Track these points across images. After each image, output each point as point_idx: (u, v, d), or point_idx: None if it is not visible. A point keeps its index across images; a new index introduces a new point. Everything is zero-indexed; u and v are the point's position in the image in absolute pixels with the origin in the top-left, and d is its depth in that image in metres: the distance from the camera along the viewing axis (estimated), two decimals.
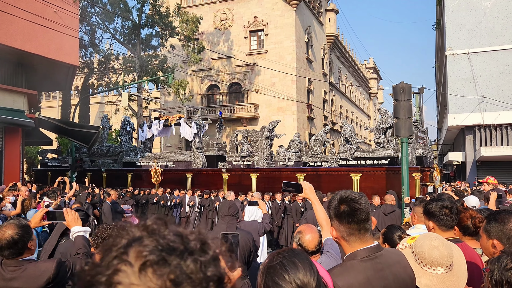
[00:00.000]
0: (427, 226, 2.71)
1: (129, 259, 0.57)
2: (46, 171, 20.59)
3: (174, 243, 0.59)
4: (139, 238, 0.60)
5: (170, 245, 0.58)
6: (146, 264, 0.56)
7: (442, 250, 1.96)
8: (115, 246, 0.60)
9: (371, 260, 1.77)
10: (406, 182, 9.95)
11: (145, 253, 0.57)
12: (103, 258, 0.59)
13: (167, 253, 0.57)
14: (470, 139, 22.18)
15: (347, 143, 14.41)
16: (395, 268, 1.81)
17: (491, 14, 21.58)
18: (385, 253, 1.85)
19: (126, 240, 0.60)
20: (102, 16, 26.51)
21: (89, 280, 0.57)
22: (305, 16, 34.97)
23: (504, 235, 2.21)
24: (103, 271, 0.57)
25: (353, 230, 1.79)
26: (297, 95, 32.21)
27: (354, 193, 1.84)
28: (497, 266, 1.66)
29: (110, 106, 36.13)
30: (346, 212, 1.78)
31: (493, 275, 1.67)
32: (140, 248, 0.58)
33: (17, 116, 12.46)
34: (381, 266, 1.77)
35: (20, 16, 12.15)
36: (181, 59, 32.02)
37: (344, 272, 1.74)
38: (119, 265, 0.57)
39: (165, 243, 0.58)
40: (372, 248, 1.80)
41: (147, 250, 0.57)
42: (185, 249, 0.59)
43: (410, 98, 10.06)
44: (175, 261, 0.57)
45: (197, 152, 16.54)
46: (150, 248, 0.58)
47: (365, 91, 64.49)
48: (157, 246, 0.58)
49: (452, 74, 22.43)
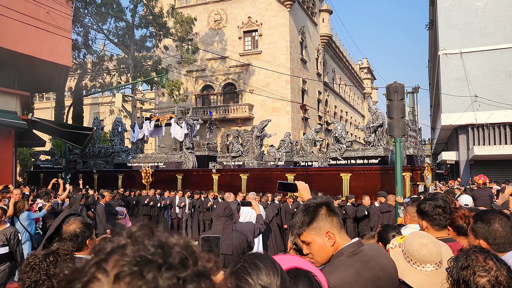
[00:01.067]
0: (420, 225, 2.72)
1: (107, 268, 0.55)
2: (38, 172, 20.48)
3: (153, 255, 0.56)
4: (123, 246, 0.58)
5: (148, 257, 0.56)
6: (121, 275, 0.54)
7: (431, 247, 1.99)
8: (101, 251, 0.58)
9: (357, 254, 1.82)
10: (399, 181, 9.99)
11: (122, 263, 0.55)
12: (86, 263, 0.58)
13: (144, 265, 0.55)
14: (463, 138, 22.32)
15: (337, 142, 14.38)
16: (379, 259, 1.87)
17: (483, 14, 21.74)
18: (367, 247, 1.92)
19: (110, 246, 0.59)
20: (95, 16, 26.38)
21: (65, 284, 0.55)
22: (299, 17, 35.03)
23: (490, 236, 2.22)
24: (81, 277, 0.55)
25: (341, 224, 1.91)
26: (292, 95, 32.25)
27: (320, 197, 1.95)
28: (455, 265, 1.69)
29: (104, 107, 35.99)
30: (330, 208, 1.87)
31: (452, 274, 1.70)
32: (119, 257, 0.56)
33: (10, 118, 12.35)
34: (367, 258, 1.82)
35: (12, 17, 12.06)
36: (175, 60, 31.96)
37: (333, 269, 1.78)
38: (96, 272, 0.55)
39: (144, 254, 0.56)
40: (356, 243, 1.86)
41: (125, 260, 0.55)
42: (164, 262, 0.56)
43: (403, 98, 10.10)
44: (150, 274, 0.54)
45: (187, 152, 16.47)
46: (129, 258, 0.55)
47: (359, 91, 64.71)
48: (135, 256, 0.56)
49: (445, 74, 22.56)
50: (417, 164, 13.34)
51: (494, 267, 1.60)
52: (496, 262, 1.63)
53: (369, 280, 1.78)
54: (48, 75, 15.22)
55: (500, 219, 2.23)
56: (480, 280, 1.59)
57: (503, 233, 2.20)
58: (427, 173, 11.72)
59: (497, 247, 2.20)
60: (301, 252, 2.53)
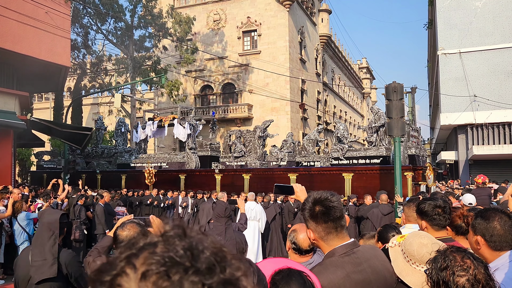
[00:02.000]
0: (420, 225, 2.72)
1: (136, 263, 0.55)
2: (42, 173, 20.55)
3: (182, 258, 0.56)
4: (154, 244, 0.58)
5: (176, 259, 0.56)
6: (148, 273, 0.54)
7: (431, 248, 1.98)
8: (134, 245, 0.59)
9: (349, 256, 1.81)
10: (399, 181, 9.99)
11: (151, 261, 0.55)
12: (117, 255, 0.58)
13: (171, 266, 0.55)
14: (462, 138, 22.33)
15: (339, 142, 14.37)
16: (372, 262, 1.86)
17: (482, 14, 21.75)
18: (362, 248, 1.90)
19: (143, 242, 0.59)
20: (94, 17, 26.35)
21: (95, 275, 0.56)
22: (298, 17, 35.03)
23: (487, 232, 2.23)
24: (111, 269, 0.56)
25: (330, 229, 1.83)
26: (291, 95, 32.26)
27: (326, 192, 1.89)
28: (434, 266, 1.69)
29: (103, 108, 35.96)
30: (322, 211, 1.83)
31: (431, 276, 1.69)
32: (149, 255, 0.56)
33: (9, 118, 12.34)
34: (359, 260, 1.81)
35: (10, 17, 12.05)
36: (174, 60, 31.95)
37: (323, 270, 1.77)
38: (126, 267, 0.56)
39: (173, 255, 0.56)
40: (349, 244, 1.85)
41: (154, 259, 0.55)
42: (191, 266, 0.56)
43: (402, 98, 10.10)
44: (176, 276, 0.54)
45: (190, 152, 16.48)
46: (158, 257, 0.56)
47: (359, 91, 64.74)
48: (164, 256, 0.56)
49: (444, 74, 22.57)
50: (419, 164, 13.25)
51: (472, 265, 1.61)
52: (474, 260, 1.63)
53: (359, 283, 1.77)
54: (47, 75, 15.21)
55: (500, 217, 2.24)
56: (460, 279, 1.59)
57: (501, 231, 2.21)
58: (429, 173, 11.70)
59: (494, 244, 2.20)
60: (300, 251, 2.54)
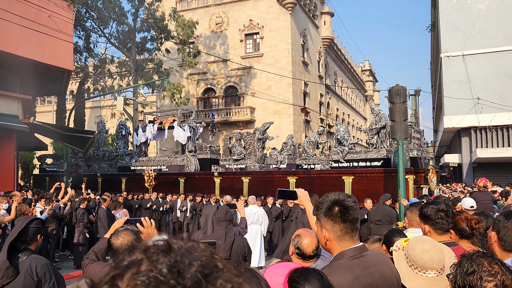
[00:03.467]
0: (423, 229, 2.71)
1: (120, 285, 0.54)
2: (44, 176, 20.59)
3: (166, 276, 0.54)
4: (138, 262, 0.57)
5: (160, 279, 0.54)
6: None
7: (433, 254, 1.99)
8: (119, 263, 0.58)
9: (358, 259, 1.84)
10: (402, 185, 9.92)
11: (135, 283, 0.54)
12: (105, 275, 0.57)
13: (156, 286, 0.53)
14: (466, 141, 22.23)
15: (339, 144, 14.19)
16: (380, 266, 1.88)
17: (485, 16, 21.69)
18: (370, 253, 1.92)
19: (128, 260, 0.58)
20: (97, 20, 26.43)
21: None
22: (301, 19, 35.05)
23: (502, 229, 2.24)
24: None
25: (347, 229, 1.86)
26: (293, 98, 32.24)
27: (343, 194, 1.93)
28: (459, 271, 1.68)
29: (105, 111, 36.03)
30: (341, 211, 1.85)
31: (456, 281, 1.68)
32: (133, 276, 0.55)
33: (12, 121, 12.37)
34: (367, 264, 1.83)
35: (13, 21, 12.09)
36: (176, 63, 31.99)
37: (332, 271, 1.78)
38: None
39: (157, 274, 0.55)
40: (358, 248, 1.87)
41: (138, 279, 0.54)
42: (177, 284, 0.54)
43: (405, 101, 10.05)
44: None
45: (190, 155, 16.42)
46: (142, 277, 0.54)
47: (361, 93, 64.66)
48: (149, 276, 0.54)
49: (448, 76, 22.50)
50: (421, 166, 12.97)
51: (500, 271, 1.61)
52: (502, 266, 1.64)
53: (367, 286, 1.80)
54: (49, 78, 15.25)
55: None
56: (488, 284, 1.59)
57: None
58: (432, 175, 11.49)
59: (504, 243, 2.21)
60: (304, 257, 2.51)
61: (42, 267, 2.94)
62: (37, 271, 2.89)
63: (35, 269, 2.90)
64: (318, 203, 1.96)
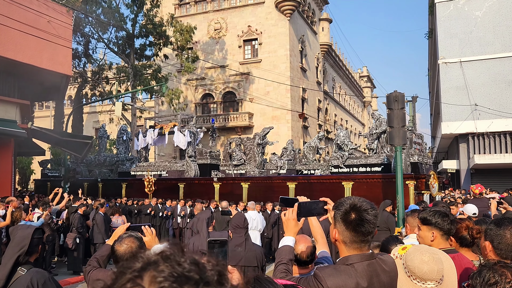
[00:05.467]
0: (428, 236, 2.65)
1: (143, 284, 0.55)
2: (46, 181, 20.59)
3: (190, 272, 0.56)
4: (155, 263, 0.58)
5: (185, 274, 0.56)
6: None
7: (432, 265, 1.95)
8: (129, 268, 0.57)
9: (363, 267, 1.81)
10: (400, 191, 9.90)
11: (160, 279, 0.55)
12: (116, 280, 0.57)
13: (182, 281, 0.55)
14: (463, 147, 22.29)
15: (339, 149, 14.12)
16: (382, 277, 1.84)
17: (482, 23, 21.84)
18: (375, 262, 1.87)
19: (141, 263, 0.58)
20: (96, 26, 26.47)
21: None
22: (299, 25, 35.20)
23: (496, 239, 2.23)
24: None
25: (357, 239, 1.82)
26: (292, 104, 32.29)
27: (367, 203, 1.86)
28: (479, 281, 1.66)
29: (103, 116, 35.99)
30: (356, 221, 1.80)
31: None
32: (155, 273, 0.55)
33: (9, 127, 12.33)
34: (370, 274, 1.80)
35: (12, 27, 12.09)
36: (175, 68, 32.04)
37: (335, 273, 1.78)
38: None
39: (180, 271, 0.56)
40: (366, 255, 1.83)
41: (162, 276, 0.55)
42: (201, 279, 0.56)
43: (403, 107, 10.06)
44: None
45: (189, 161, 16.38)
46: (165, 274, 0.55)
47: (359, 99, 64.83)
48: (172, 273, 0.55)
49: (445, 83, 22.60)
50: (422, 172, 12.81)
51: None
52: None
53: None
54: (48, 84, 15.22)
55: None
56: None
57: (509, 240, 2.19)
58: (433, 181, 11.31)
59: (499, 252, 2.20)
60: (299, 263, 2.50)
61: (44, 284, 2.70)
62: (38, 286, 2.66)
63: (37, 286, 2.67)
64: (338, 202, 1.91)
